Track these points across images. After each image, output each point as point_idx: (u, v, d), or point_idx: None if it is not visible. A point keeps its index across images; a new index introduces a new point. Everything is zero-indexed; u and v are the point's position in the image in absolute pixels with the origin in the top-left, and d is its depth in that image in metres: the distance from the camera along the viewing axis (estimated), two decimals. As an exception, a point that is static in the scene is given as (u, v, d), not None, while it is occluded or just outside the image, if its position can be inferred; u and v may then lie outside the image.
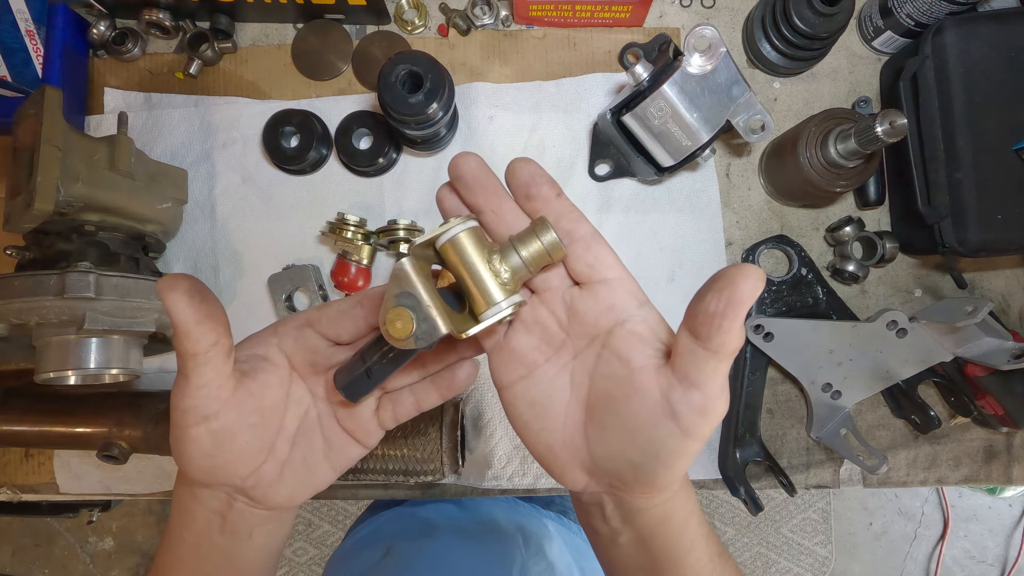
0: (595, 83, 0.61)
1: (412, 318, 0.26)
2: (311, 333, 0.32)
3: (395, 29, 0.63)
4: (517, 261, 0.27)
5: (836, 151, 0.51)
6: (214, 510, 0.32)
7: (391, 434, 0.53)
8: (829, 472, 0.60)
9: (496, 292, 0.27)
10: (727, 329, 0.24)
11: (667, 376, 0.27)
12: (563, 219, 0.29)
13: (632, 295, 0.29)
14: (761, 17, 0.58)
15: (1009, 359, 0.51)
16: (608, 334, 0.29)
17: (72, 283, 0.47)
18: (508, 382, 0.31)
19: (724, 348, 0.24)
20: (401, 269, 0.26)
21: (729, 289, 0.23)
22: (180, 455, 0.30)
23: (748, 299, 0.23)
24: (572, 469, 0.30)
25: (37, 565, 1.65)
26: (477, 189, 0.29)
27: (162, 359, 0.61)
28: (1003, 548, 1.60)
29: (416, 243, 0.27)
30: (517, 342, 0.30)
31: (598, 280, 0.29)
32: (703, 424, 0.26)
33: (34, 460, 0.62)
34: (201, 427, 0.29)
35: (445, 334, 0.26)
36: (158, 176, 0.56)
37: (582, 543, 0.71)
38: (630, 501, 0.29)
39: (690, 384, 0.26)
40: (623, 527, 0.30)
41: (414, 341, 0.26)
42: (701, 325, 0.24)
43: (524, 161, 0.29)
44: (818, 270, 0.59)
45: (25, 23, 0.58)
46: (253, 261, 0.61)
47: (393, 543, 0.63)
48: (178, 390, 0.29)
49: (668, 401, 0.26)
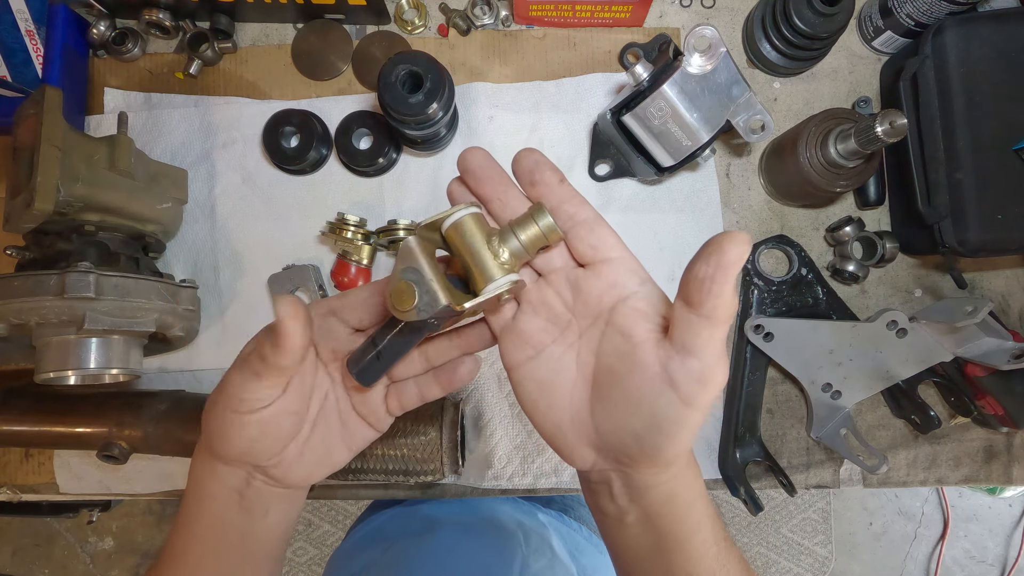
0: (595, 83, 0.61)
1: (415, 291, 0.27)
2: (335, 321, 0.33)
3: (395, 29, 0.63)
4: (516, 244, 0.29)
5: (836, 151, 0.51)
6: (232, 487, 0.33)
7: (391, 434, 0.53)
8: (829, 472, 0.60)
9: (495, 270, 0.29)
10: (717, 293, 0.24)
11: (666, 348, 0.27)
12: (566, 203, 0.30)
13: (634, 272, 0.30)
14: (761, 17, 0.58)
15: (1009, 359, 0.51)
16: (611, 311, 0.30)
17: (72, 283, 0.47)
18: (517, 363, 0.32)
19: (716, 312, 0.25)
20: (406, 246, 0.28)
21: (717, 254, 0.24)
22: (221, 437, 0.31)
23: (736, 262, 0.24)
24: (580, 446, 0.31)
25: (37, 565, 1.65)
26: (484, 179, 0.31)
27: (162, 359, 0.61)
28: (1003, 548, 1.60)
29: (422, 223, 0.29)
30: (525, 323, 0.32)
31: (601, 260, 0.30)
32: (702, 392, 0.27)
33: (34, 460, 0.62)
34: (253, 415, 0.30)
35: (445, 304, 0.27)
36: (158, 176, 0.56)
37: (582, 541, 0.71)
38: (637, 478, 0.30)
39: (687, 352, 0.26)
40: (630, 506, 0.31)
41: (416, 312, 0.27)
42: (693, 291, 0.25)
43: (528, 151, 0.31)
44: (818, 270, 0.59)
45: (25, 23, 0.58)
46: (253, 261, 0.61)
47: (394, 540, 0.63)
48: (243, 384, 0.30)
49: (667, 371, 0.27)
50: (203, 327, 0.60)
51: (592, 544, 0.71)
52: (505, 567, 0.59)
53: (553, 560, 0.63)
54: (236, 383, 0.30)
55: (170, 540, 0.35)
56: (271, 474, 0.33)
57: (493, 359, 0.61)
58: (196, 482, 0.34)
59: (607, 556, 0.36)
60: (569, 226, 0.30)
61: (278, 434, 0.32)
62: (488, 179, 0.31)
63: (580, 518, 0.75)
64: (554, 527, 0.69)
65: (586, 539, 0.72)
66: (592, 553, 0.70)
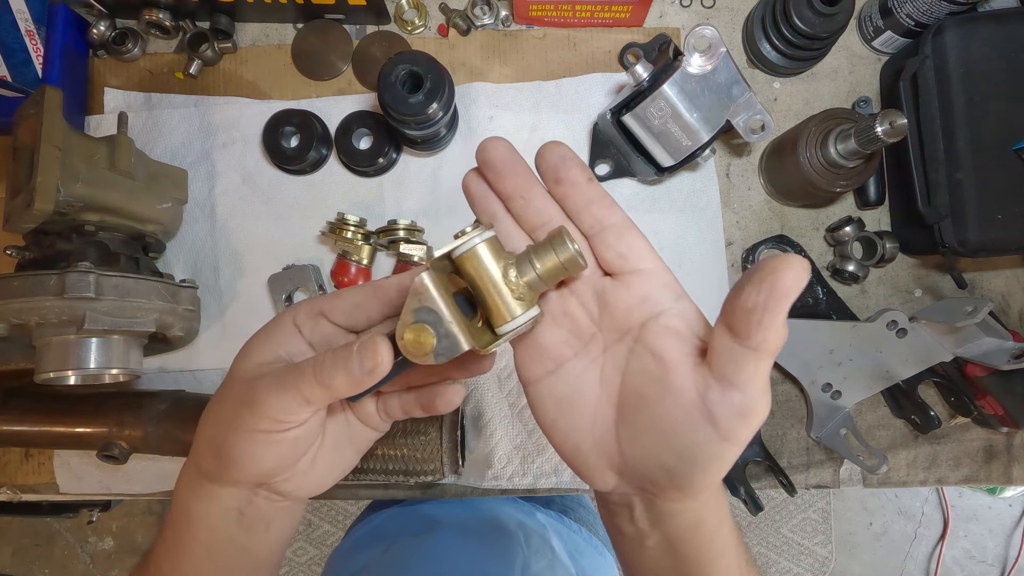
0: (595, 83, 0.61)
1: (432, 334, 0.25)
2: (325, 323, 0.32)
3: (395, 29, 0.63)
4: (533, 276, 0.27)
5: (836, 151, 0.51)
6: (231, 507, 0.31)
7: (391, 434, 0.53)
8: (829, 472, 0.60)
9: (513, 306, 0.26)
10: (768, 324, 0.22)
11: (704, 375, 0.25)
12: (593, 205, 0.28)
13: (667, 287, 0.28)
14: (761, 17, 0.58)
15: (1009, 359, 0.51)
16: (641, 328, 0.27)
17: (72, 283, 0.47)
18: (535, 378, 0.29)
19: (765, 345, 0.22)
20: (421, 284, 0.25)
21: (771, 280, 0.21)
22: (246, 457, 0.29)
23: (792, 291, 0.21)
24: (602, 470, 0.29)
25: (37, 565, 1.65)
26: (506, 174, 0.28)
27: (162, 359, 0.61)
28: (1003, 548, 1.60)
29: (435, 256, 0.27)
30: (545, 335, 0.29)
31: (630, 270, 0.28)
32: (743, 427, 0.24)
33: (34, 460, 0.62)
34: (289, 434, 0.29)
35: (467, 350, 0.25)
36: (158, 176, 0.56)
37: (581, 542, 0.71)
38: (661, 505, 0.28)
39: (729, 384, 0.24)
40: (651, 530, 0.29)
41: (434, 357, 0.25)
42: (740, 321, 0.22)
43: (555, 144, 0.28)
44: (818, 270, 0.59)
45: (25, 23, 0.58)
46: (253, 261, 0.61)
47: (394, 539, 0.63)
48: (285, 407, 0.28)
49: (705, 402, 0.24)
50: (203, 327, 0.60)
51: (592, 546, 0.71)
52: (506, 568, 0.59)
53: (554, 561, 0.63)
54: (275, 407, 0.28)
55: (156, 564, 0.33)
56: (279, 489, 0.31)
57: (493, 359, 0.61)
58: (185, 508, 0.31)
59: (607, 557, 0.36)
60: (596, 231, 0.28)
61: (304, 449, 0.30)
62: (510, 174, 0.28)
63: (580, 519, 0.75)
64: (554, 528, 0.69)
65: (586, 540, 0.72)
66: (592, 555, 0.70)
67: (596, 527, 0.76)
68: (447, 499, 0.66)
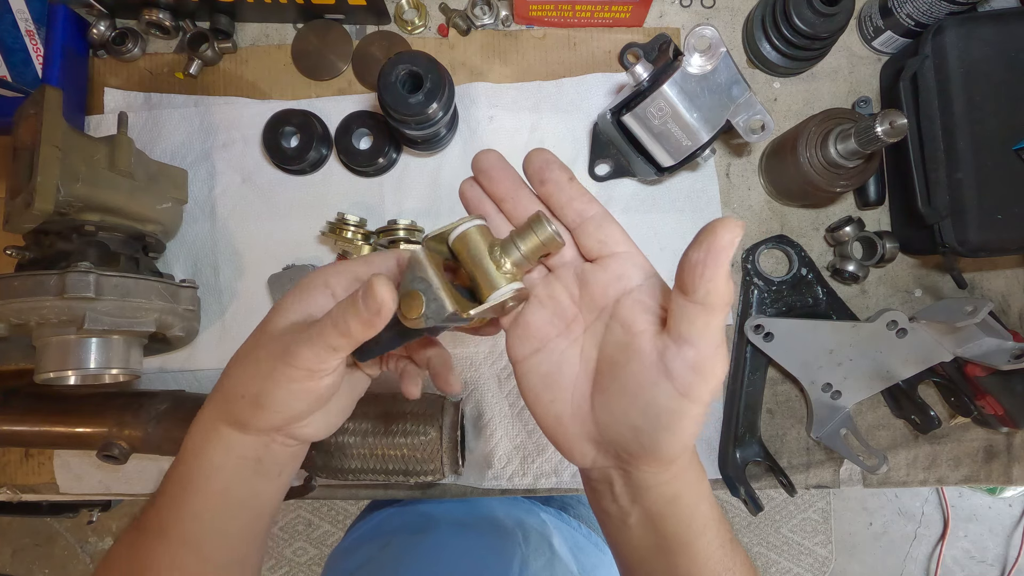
0: (595, 83, 0.61)
1: (423, 299, 0.28)
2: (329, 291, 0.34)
3: (395, 29, 0.63)
4: (517, 254, 0.30)
5: (836, 151, 0.51)
6: (249, 456, 0.34)
7: (391, 433, 0.53)
8: (829, 472, 0.60)
9: (498, 279, 0.30)
10: (710, 277, 0.24)
11: (663, 337, 0.27)
12: (575, 201, 0.31)
13: (639, 266, 0.31)
14: (761, 17, 0.58)
15: (1009, 359, 0.51)
16: (616, 304, 0.30)
17: (72, 283, 0.47)
18: (522, 356, 0.32)
19: (710, 298, 0.25)
20: (415, 256, 0.29)
21: (709, 238, 0.24)
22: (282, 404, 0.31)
23: (728, 246, 0.24)
24: (580, 441, 0.31)
25: (37, 565, 1.65)
26: (497, 180, 0.32)
27: (162, 359, 0.61)
28: (1003, 548, 1.60)
29: (429, 235, 0.31)
30: (532, 317, 0.32)
31: (608, 254, 0.31)
32: (699, 383, 0.26)
33: (34, 460, 0.62)
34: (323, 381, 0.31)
35: (451, 312, 0.28)
36: (158, 176, 0.56)
37: (581, 539, 0.71)
38: (638, 476, 0.30)
39: (683, 341, 0.26)
40: (632, 507, 0.31)
41: (424, 320, 0.28)
42: (686, 277, 0.25)
43: (539, 151, 0.32)
44: (818, 270, 0.59)
45: (25, 23, 0.58)
46: (253, 261, 0.61)
47: (392, 537, 0.63)
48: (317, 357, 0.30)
49: (663, 360, 0.27)
50: (203, 327, 0.60)
51: (592, 542, 0.71)
52: (504, 565, 0.59)
53: (553, 558, 0.63)
54: (309, 358, 0.30)
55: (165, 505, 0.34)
56: (296, 433, 0.34)
57: (493, 359, 0.61)
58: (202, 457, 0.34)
59: (607, 554, 0.37)
60: (578, 223, 0.31)
61: (331, 394, 0.33)
62: (501, 179, 0.32)
63: (580, 516, 0.75)
64: (554, 525, 0.69)
65: (586, 537, 0.72)
66: (592, 551, 0.70)
67: (595, 524, 0.76)
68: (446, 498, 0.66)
